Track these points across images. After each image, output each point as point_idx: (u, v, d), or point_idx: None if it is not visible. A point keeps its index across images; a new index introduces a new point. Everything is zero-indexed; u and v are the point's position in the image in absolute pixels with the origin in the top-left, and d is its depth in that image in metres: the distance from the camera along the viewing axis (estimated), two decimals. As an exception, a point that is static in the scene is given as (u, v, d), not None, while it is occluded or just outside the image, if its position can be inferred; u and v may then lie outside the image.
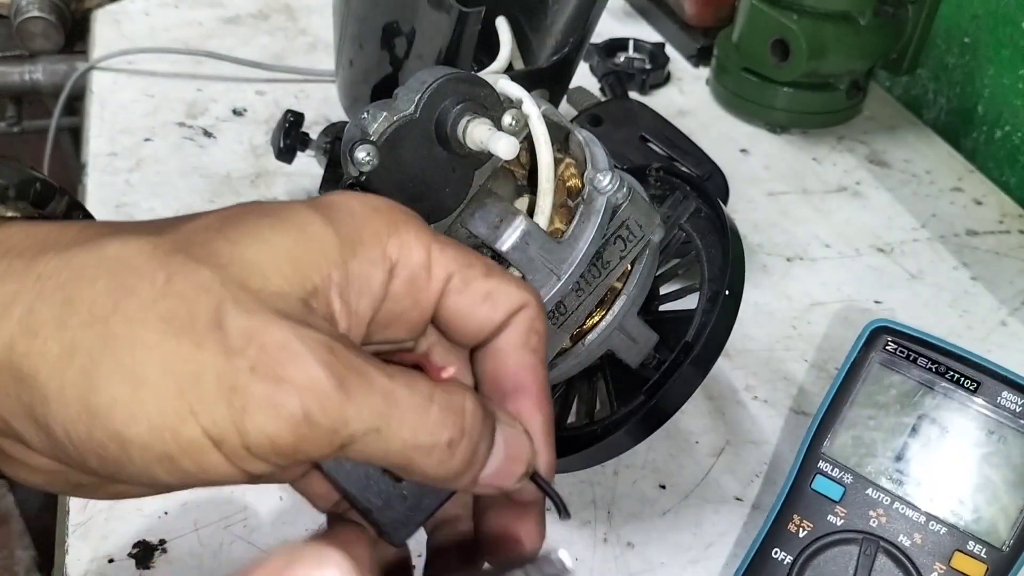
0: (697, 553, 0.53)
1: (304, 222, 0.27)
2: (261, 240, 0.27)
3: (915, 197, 0.84)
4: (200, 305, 0.25)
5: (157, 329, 0.24)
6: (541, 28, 0.66)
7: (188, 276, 0.25)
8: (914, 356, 0.47)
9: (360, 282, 0.28)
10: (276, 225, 0.27)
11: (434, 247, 0.29)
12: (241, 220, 0.27)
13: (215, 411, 0.24)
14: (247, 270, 0.26)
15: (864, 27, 0.84)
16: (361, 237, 0.28)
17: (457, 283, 0.29)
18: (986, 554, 0.44)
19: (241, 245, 0.26)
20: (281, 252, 0.26)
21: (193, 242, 0.26)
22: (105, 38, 0.95)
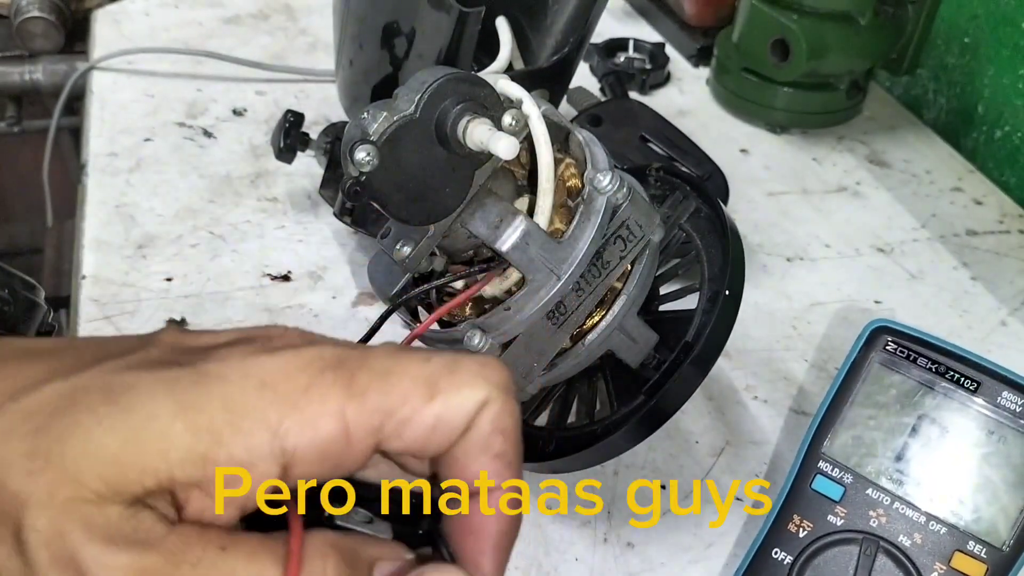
0: (697, 553, 0.53)
1: (149, 412, 0.24)
2: (87, 439, 0.24)
3: (915, 197, 0.84)
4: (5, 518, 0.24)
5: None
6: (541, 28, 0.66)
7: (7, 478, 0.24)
8: (914, 356, 0.47)
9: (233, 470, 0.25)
10: (109, 417, 0.24)
11: (350, 408, 0.25)
12: (81, 404, 0.25)
13: None
14: (59, 476, 0.24)
15: (864, 27, 0.84)
16: (234, 423, 0.25)
17: (391, 431, 0.26)
18: (986, 554, 0.44)
19: (66, 443, 0.24)
20: (107, 452, 0.24)
21: (15, 434, 0.25)
22: (105, 38, 0.95)
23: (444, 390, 0.26)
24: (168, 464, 0.24)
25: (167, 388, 0.25)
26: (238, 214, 0.74)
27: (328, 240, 0.72)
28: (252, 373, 0.25)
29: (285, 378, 0.25)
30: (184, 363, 0.26)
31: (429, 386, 0.26)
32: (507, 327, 0.44)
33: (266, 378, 0.25)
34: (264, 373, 0.25)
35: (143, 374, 0.25)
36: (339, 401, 0.25)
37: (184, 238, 0.71)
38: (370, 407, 0.25)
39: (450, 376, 0.26)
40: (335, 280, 0.69)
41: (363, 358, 0.26)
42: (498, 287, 0.45)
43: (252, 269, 0.69)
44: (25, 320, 0.33)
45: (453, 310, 0.46)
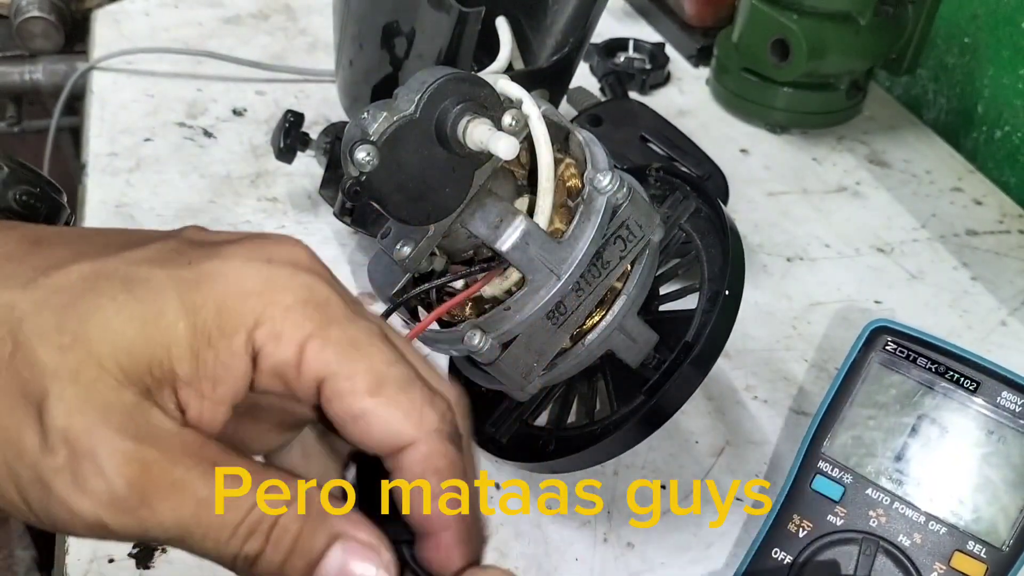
0: (697, 553, 0.53)
1: (158, 310, 0.26)
2: (106, 324, 0.26)
3: (915, 197, 0.84)
4: (31, 387, 0.26)
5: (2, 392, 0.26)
6: (541, 28, 0.66)
7: (26, 355, 0.26)
8: (914, 356, 0.47)
9: (216, 371, 0.27)
10: (129, 308, 0.26)
11: (312, 344, 0.27)
12: (103, 287, 0.27)
13: (29, 493, 0.26)
14: (87, 357, 0.26)
15: (864, 27, 0.84)
16: (223, 326, 0.27)
17: (330, 392, 0.27)
18: (986, 554, 0.44)
19: (90, 325, 0.26)
20: (124, 339, 0.26)
21: (46, 306, 0.26)
22: (105, 38, 0.95)
23: (385, 398, 0.27)
24: (171, 359, 0.26)
25: (175, 286, 0.27)
26: (238, 214, 0.74)
27: (328, 240, 0.72)
28: (248, 278, 0.27)
29: (272, 292, 0.27)
30: (194, 259, 0.28)
31: (377, 384, 0.28)
32: (507, 327, 0.44)
33: (256, 287, 0.27)
34: (257, 281, 0.28)
35: (156, 270, 0.27)
36: (305, 335, 0.27)
37: (184, 238, 0.71)
38: (323, 359, 0.27)
39: (398, 393, 0.28)
40: (335, 280, 0.69)
41: (347, 318, 0.28)
42: (498, 287, 0.45)
43: (252, 269, 0.69)
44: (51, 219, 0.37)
45: (453, 309, 0.46)
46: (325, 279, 0.29)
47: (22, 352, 0.26)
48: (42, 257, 0.28)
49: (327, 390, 0.27)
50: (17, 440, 0.26)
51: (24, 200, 0.34)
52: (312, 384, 0.27)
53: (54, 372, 0.26)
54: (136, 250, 0.28)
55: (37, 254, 0.28)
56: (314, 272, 0.29)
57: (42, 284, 0.27)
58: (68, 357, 0.26)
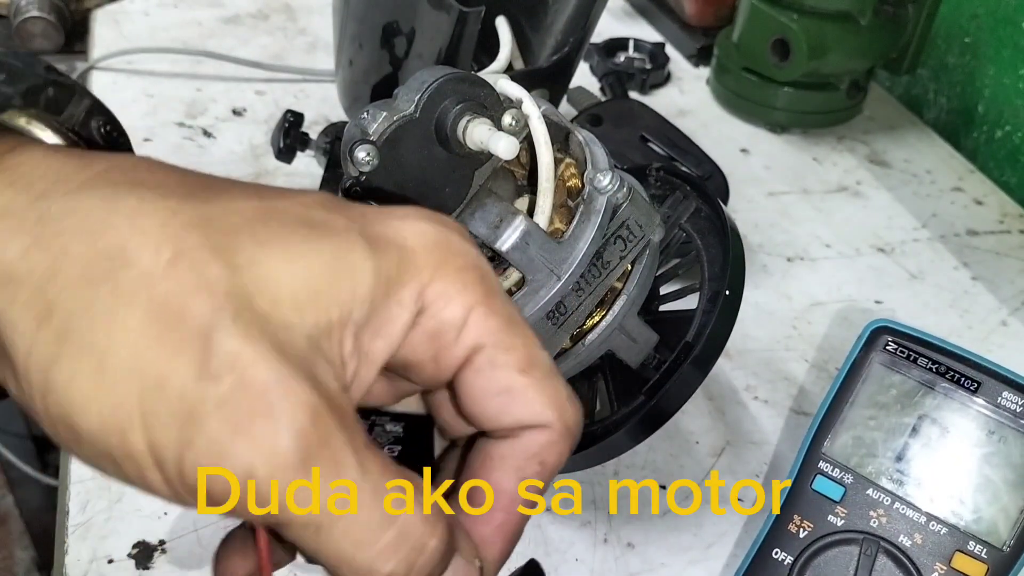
0: (697, 554, 0.53)
1: (346, 248, 0.24)
2: (290, 256, 0.23)
3: (915, 197, 0.84)
4: (196, 305, 0.22)
5: (143, 315, 0.22)
6: (541, 28, 0.66)
7: (195, 265, 0.22)
8: (914, 356, 0.47)
9: (381, 322, 0.25)
10: (312, 243, 0.24)
11: (477, 310, 0.26)
12: (279, 221, 0.24)
13: (166, 431, 0.22)
14: (262, 284, 0.23)
15: (864, 27, 0.84)
16: (400, 275, 0.25)
17: (482, 361, 0.26)
18: (987, 554, 0.44)
19: (267, 251, 0.23)
20: (306, 277, 0.23)
21: (218, 225, 0.23)
22: (105, 38, 0.95)
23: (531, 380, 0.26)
24: (352, 301, 0.24)
25: (358, 230, 0.25)
26: (238, 214, 0.74)
27: (328, 240, 0.72)
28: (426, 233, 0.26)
29: (446, 252, 0.26)
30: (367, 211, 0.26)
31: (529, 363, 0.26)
32: (507, 327, 0.44)
33: (434, 243, 0.26)
34: (435, 238, 0.26)
35: (334, 215, 0.25)
36: (477, 296, 0.26)
37: (184, 238, 0.71)
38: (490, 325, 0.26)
39: (545, 377, 0.27)
40: (335, 280, 0.69)
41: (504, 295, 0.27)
42: (498, 287, 0.45)
43: (252, 269, 0.69)
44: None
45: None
46: (479, 254, 0.28)
47: (186, 260, 0.22)
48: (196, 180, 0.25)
49: (480, 359, 0.26)
50: (166, 361, 0.21)
51: (108, 132, 0.31)
52: (465, 351, 0.26)
53: (227, 292, 0.22)
54: (298, 195, 0.26)
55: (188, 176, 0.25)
56: (475, 245, 0.27)
57: (207, 201, 0.24)
58: (243, 278, 0.22)
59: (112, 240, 0.22)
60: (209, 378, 0.21)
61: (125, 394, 0.22)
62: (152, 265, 0.22)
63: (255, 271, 0.23)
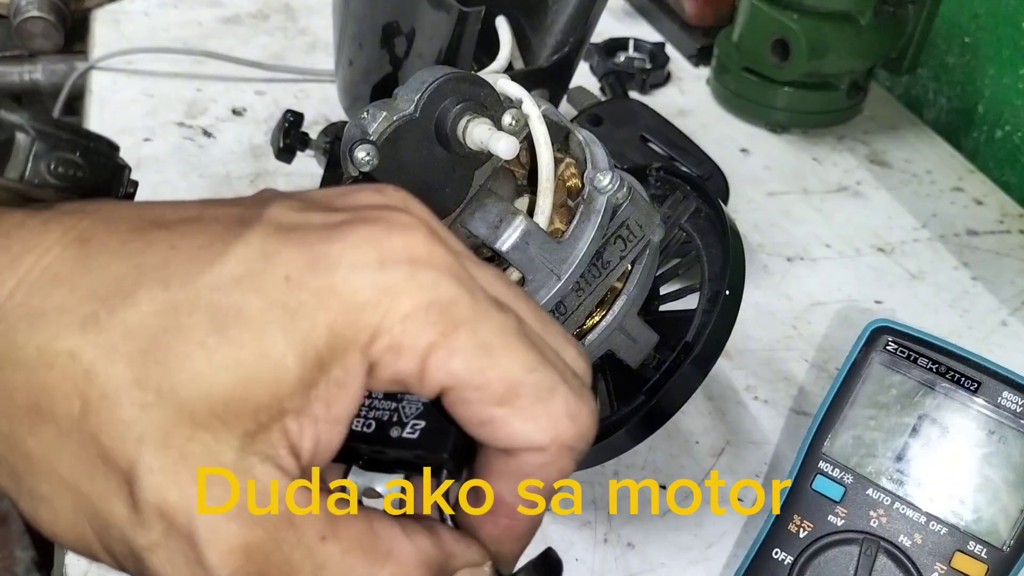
0: (697, 554, 0.53)
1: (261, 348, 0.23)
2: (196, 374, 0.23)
3: (915, 197, 0.84)
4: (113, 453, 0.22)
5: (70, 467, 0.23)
6: (541, 28, 0.66)
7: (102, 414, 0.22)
8: (914, 356, 0.47)
9: (329, 393, 0.24)
10: (220, 352, 0.23)
11: (436, 355, 0.24)
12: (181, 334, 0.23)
13: (122, 557, 0.23)
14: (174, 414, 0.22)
15: (864, 27, 0.84)
16: (333, 347, 0.23)
17: (454, 399, 0.25)
18: (987, 554, 0.44)
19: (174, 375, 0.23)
20: (220, 389, 0.23)
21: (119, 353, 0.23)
22: (105, 38, 0.95)
23: (517, 409, 0.25)
24: (279, 398, 0.23)
25: (276, 316, 0.23)
26: (238, 214, 0.74)
27: (328, 240, 0.72)
28: (359, 289, 0.24)
29: (388, 301, 0.24)
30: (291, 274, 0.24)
31: (510, 393, 0.25)
32: (507, 327, 0.44)
33: (370, 298, 0.24)
34: (371, 292, 0.24)
35: (249, 295, 0.23)
36: (428, 345, 0.24)
37: (184, 238, 0.71)
38: (447, 369, 0.24)
39: (534, 404, 0.25)
40: (335, 280, 0.69)
41: (477, 317, 0.24)
42: (498, 287, 0.45)
43: (252, 269, 0.69)
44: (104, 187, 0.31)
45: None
46: (448, 268, 0.25)
47: (96, 413, 0.22)
48: (96, 275, 0.23)
49: (451, 397, 0.25)
50: (105, 511, 0.23)
51: (61, 171, 0.28)
52: (435, 391, 0.25)
53: (139, 437, 0.22)
54: (217, 264, 0.23)
55: (89, 270, 0.23)
56: (433, 265, 0.25)
57: (107, 325, 0.23)
58: (153, 416, 0.22)
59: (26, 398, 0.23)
60: (141, 526, 0.23)
61: (80, 532, 0.24)
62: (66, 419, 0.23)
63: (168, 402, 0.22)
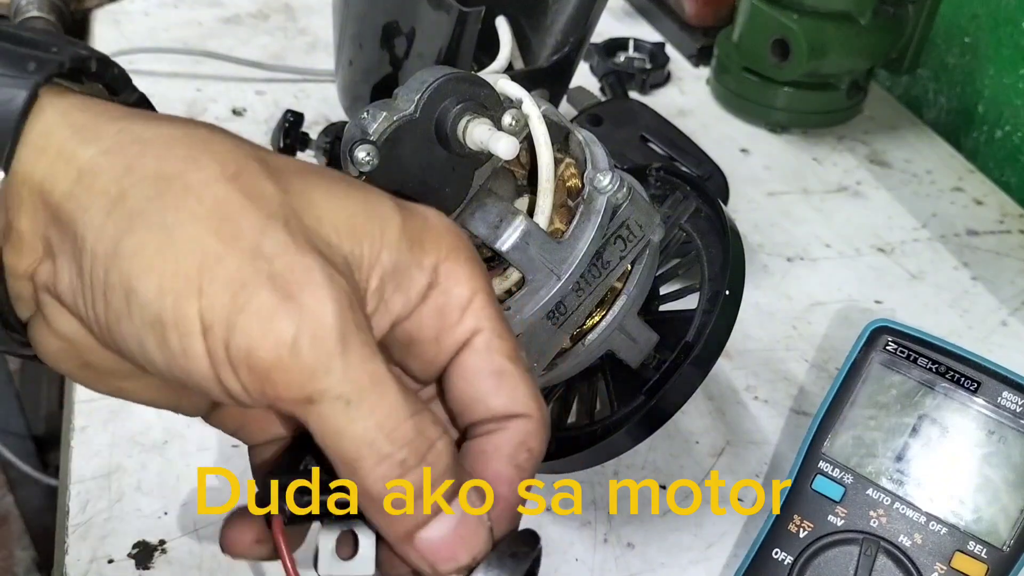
0: (697, 554, 0.53)
1: (378, 202, 0.28)
2: (332, 194, 0.27)
3: (915, 197, 0.84)
4: (255, 206, 0.25)
5: (208, 207, 0.25)
6: (541, 28, 0.66)
7: (253, 180, 0.26)
8: (914, 356, 0.47)
9: (401, 278, 0.27)
10: (351, 190, 0.28)
11: (480, 296, 0.29)
12: (321, 174, 0.28)
13: (219, 298, 0.24)
14: (308, 208, 0.26)
15: (864, 27, 0.84)
16: (423, 240, 0.28)
17: (481, 343, 0.28)
18: (987, 554, 0.44)
19: (312, 188, 0.27)
20: (345, 212, 0.27)
21: (272, 164, 0.27)
22: (105, 38, 0.95)
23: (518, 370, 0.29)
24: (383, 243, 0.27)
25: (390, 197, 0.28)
26: (238, 214, 0.74)
27: (328, 240, 0.72)
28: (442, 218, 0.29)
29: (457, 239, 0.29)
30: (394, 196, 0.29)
31: (516, 355, 0.29)
32: (507, 327, 0.44)
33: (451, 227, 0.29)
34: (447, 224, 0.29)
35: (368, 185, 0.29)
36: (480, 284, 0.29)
37: (184, 238, 0.71)
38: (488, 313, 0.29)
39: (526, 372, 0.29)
40: (335, 280, 0.69)
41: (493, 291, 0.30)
42: (498, 287, 0.45)
43: (252, 269, 0.69)
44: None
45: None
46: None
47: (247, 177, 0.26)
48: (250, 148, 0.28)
49: (479, 341, 0.28)
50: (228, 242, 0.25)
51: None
52: (466, 333, 0.28)
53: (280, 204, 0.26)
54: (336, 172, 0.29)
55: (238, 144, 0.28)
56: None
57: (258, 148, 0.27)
58: (292, 200, 0.26)
59: (185, 151, 0.26)
60: (262, 258, 0.24)
61: (186, 265, 0.24)
62: (218, 174, 0.25)
63: (303, 198, 0.26)
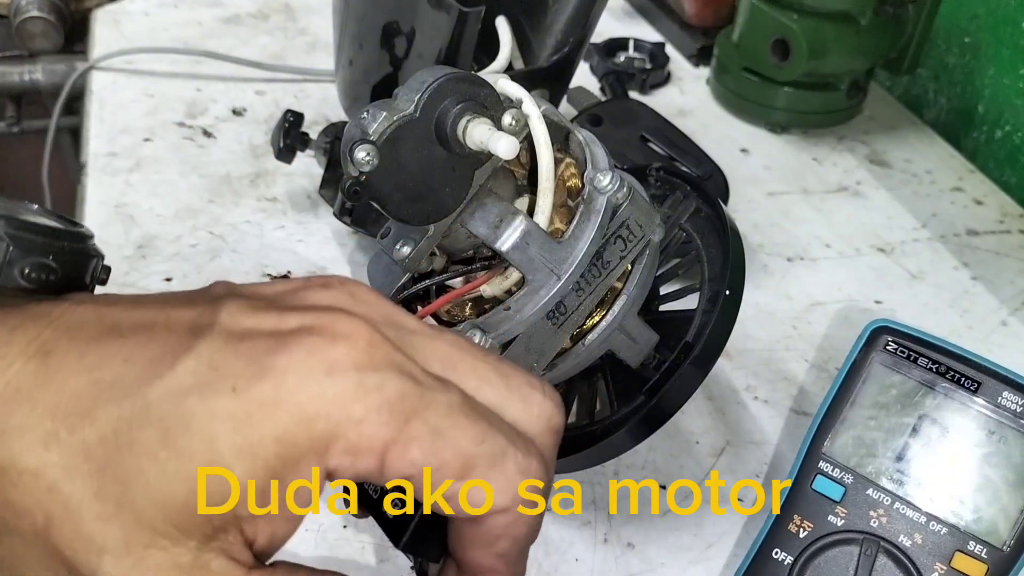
0: (697, 554, 0.53)
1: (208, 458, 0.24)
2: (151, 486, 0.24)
3: (915, 197, 0.84)
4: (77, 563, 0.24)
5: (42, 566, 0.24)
6: (541, 28, 0.66)
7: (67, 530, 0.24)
8: (914, 356, 0.47)
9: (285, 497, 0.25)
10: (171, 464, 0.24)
11: (393, 450, 0.25)
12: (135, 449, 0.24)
13: None
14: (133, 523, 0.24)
15: (864, 27, 0.84)
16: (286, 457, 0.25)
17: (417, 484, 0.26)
18: (987, 554, 0.44)
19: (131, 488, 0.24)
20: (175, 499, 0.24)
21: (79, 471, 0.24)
22: (105, 38, 0.95)
23: (476, 478, 0.26)
24: (232, 502, 0.24)
25: (224, 426, 0.24)
26: (238, 214, 0.74)
27: (328, 240, 0.72)
28: (309, 401, 0.25)
29: (340, 409, 0.25)
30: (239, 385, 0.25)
31: (466, 466, 0.26)
32: (507, 327, 0.44)
33: (321, 408, 0.25)
34: (321, 403, 0.25)
35: (197, 405, 0.24)
36: (384, 443, 0.25)
37: (184, 238, 0.71)
38: (406, 460, 0.26)
39: (489, 469, 0.27)
40: (335, 280, 0.68)
41: (425, 405, 0.26)
42: (498, 287, 0.45)
43: (252, 269, 0.69)
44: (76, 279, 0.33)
45: (452, 304, 0.46)
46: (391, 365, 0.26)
47: (59, 527, 0.24)
48: (56, 392, 0.25)
49: (414, 483, 0.26)
50: None
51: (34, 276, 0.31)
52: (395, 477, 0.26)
53: (100, 547, 0.24)
54: (166, 377, 0.25)
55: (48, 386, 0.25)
56: (377, 366, 0.26)
57: (66, 442, 0.24)
58: (113, 528, 0.24)
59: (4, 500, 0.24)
60: None
61: None
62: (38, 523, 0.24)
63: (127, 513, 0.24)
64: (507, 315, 0.44)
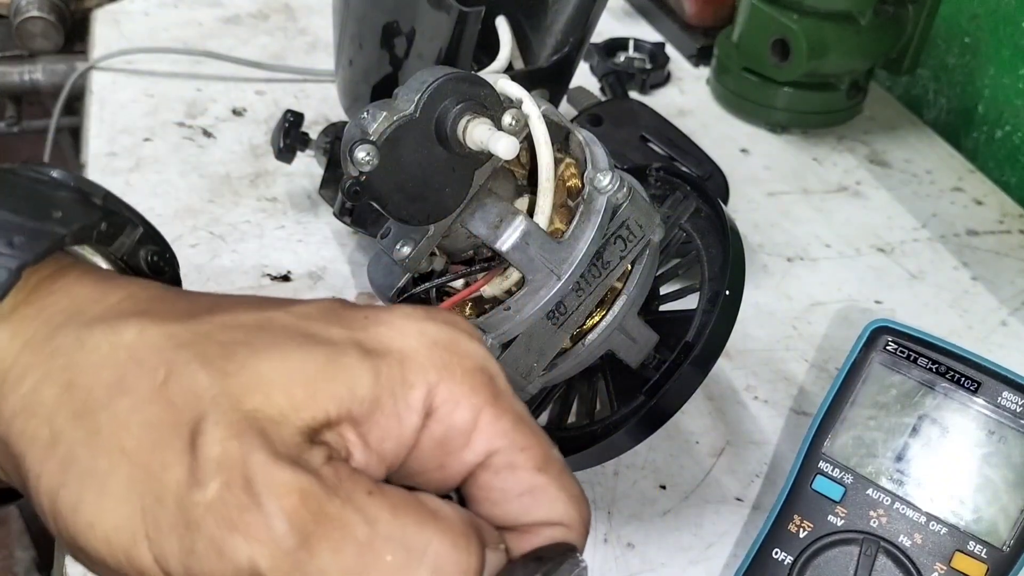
0: (697, 554, 0.53)
1: (340, 353, 0.25)
2: (283, 357, 0.25)
3: (915, 197, 0.84)
4: (184, 415, 0.24)
5: (137, 437, 0.24)
6: (541, 28, 0.66)
7: (184, 380, 0.24)
8: (914, 356, 0.47)
9: (390, 424, 0.25)
10: (306, 346, 0.25)
11: (486, 413, 0.26)
12: (274, 332, 0.26)
13: (168, 543, 0.23)
14: (251, 384, 0.24)
15: (864, 27, 0.84)
16: (406, 377, 0.26)
17: (500, 462, 0.26)
18: (986, 554, 0.44)
19: (261, 357, 0.25)
20: (299, 374, 0.25)
21: (211, 339, 0.25)
22: (105, 38, 0.95)
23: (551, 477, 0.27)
24: (351, 399, 0.25)
25: (353, 340, 0.26)
26: (238, 214, 0.74)
27: (328, 240, 0.72)
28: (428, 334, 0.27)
29: (452, 355, 0.27)
30: (366, 318, 0.27)
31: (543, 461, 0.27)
32: (507, 327, 0.44)
33: (438, 338, 0.27)
34: (439, 340, 0.27)
35: (331, 327, 0.26)
36: (485, 397, 0.27)
37: (184, 238, 0.71)
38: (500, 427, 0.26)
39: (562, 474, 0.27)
40: (335, 280, 0.69)
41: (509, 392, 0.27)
42: (498, 287, 0.45)
43: (252, 269, 0.69)
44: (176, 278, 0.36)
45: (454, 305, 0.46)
46: (487, 353, 0.28)
47: (177, 378, 0.24)
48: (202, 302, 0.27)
49: (498, 461, 0.26)
50: (160, 476, 0.23)
51: (154, 261, 0.34)
52: (477, 456, 0.26)
53: (214, 397, 0.24)
54: (299, 307, 0.27)
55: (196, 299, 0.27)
56: (479, 339, 0.28)
57: (206, 320, 0.26)
58: (232, 383, 0.24)
59: (112, 373, 0.25)
60: (198, 484, 0.23)
61: (127, 513, 0.23)
62: (146, 389, 0.24)
63: (246, 375, 0.24)
64: (507, 315, 0.44)
